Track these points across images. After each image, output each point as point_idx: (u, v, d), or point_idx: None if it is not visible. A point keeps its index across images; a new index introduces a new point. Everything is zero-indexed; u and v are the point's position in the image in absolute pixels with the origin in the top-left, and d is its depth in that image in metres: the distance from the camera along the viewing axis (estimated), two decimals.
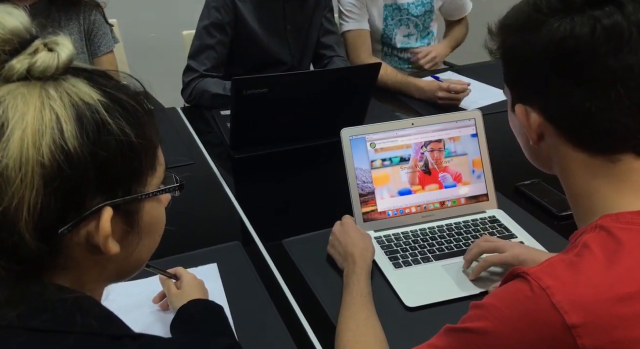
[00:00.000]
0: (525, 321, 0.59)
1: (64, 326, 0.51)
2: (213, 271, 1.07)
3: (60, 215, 0.50)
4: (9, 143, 0.48)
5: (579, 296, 0.58)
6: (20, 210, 0.48)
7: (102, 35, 1.76)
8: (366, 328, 0.89)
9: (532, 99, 0.69)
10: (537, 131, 0.70)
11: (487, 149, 1.23)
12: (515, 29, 0.69)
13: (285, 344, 0.92)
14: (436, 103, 1.82)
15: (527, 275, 0.61)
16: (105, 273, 0.58)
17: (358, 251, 1.02)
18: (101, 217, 0.52)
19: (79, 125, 0.50)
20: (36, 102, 0.49)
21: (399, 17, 2.16)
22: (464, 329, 0.65)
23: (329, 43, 2.01)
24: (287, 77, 1.54)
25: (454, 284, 1.03)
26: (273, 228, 1.24)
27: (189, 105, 1.88)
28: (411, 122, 1.22)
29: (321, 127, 1.51)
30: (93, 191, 0.52)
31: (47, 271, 0.53)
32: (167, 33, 1.89)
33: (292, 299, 1.02)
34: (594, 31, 0.61)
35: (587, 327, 0.57)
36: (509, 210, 1.23)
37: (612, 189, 0.66)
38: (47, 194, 0.48)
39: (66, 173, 0.49)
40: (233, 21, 1.81)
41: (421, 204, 1.21)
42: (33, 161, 0.48)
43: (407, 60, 2.25)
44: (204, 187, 1.43)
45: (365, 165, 1.18)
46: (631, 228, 0.62)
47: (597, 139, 0.66)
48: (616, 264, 0.59)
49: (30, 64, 0.50)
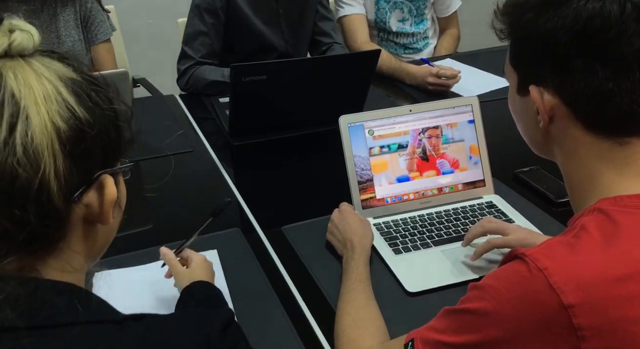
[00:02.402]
0: (522, 302, 0.60)
1: (67, 319, 0.51)
2: (213, 258, 1.08)
3: (78, 182, 0.51)
4: (29, 112, 0.48)
5: (575, 277, 0.59)
6: (52, 176, 0.49)
7: (99, 23, 1.75)
8: (365, 313, 0.90)
9: (548, 80, 0.67)
10: (549, 113, 0.69)
11: (483, 135, 1.24)
12: (534, 6, 0.67)
13: (285, 328, 0.93)
14: (426, 89, 1.83)
15: (525, 256, 0.62)
16: (90, 252, 0.58)
17: (357, 238, 1.03)
18: (105, 184, 0.54)
19: (75, 96, 0.51)
20: (32, 74, 0.50)
21: (394, 0, 2.15)
22: (462, 310, 0.67)
23: (326, 30, 2.00)
24: (286, 64, 1.54)
25: (454, 269, 1.04)
26: (272, 215, 1.25)
27: (184, 93, 1.87)
28: (409, 109, 1.22)
29: (320, 115, 1.51)
30: (98, 159, 0.53)
31: (44, 254, 0.53)
32: (164, 20, 1.88)
33: (292, 284, 1.03)
34: (624, 9, 0.61)
35: (583, 307, 0.58)
36: (507, 197, 1.24)
37: (615, 173, 0.67)
38: (67, 160, 0.50)
39: (79, 139, 0.50)
40: (225, 5, 1.79)
41: (419, 190, 1.21)
42: (53, 129, 0.49)
43: (403, 45, 2.25)
44: (203, 174, 1.44)
45: (363, 152, 1.19)
46: (629, 211, 0.63)
47: (611, 122, 0.66)
48: (613, 246, 0.60)
49: (10, 42, 0.51)
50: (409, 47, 2.27)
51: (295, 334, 0.92)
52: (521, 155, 1.04)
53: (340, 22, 2.15)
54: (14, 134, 0.47)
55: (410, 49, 2.27)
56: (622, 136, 0.66)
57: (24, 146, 0.48)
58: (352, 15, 2.11)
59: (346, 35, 2.13)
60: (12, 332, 0.48)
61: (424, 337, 0.70)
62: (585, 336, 0.58)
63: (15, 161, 0.47)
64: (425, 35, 2.29)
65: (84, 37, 1.74)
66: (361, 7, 2.13)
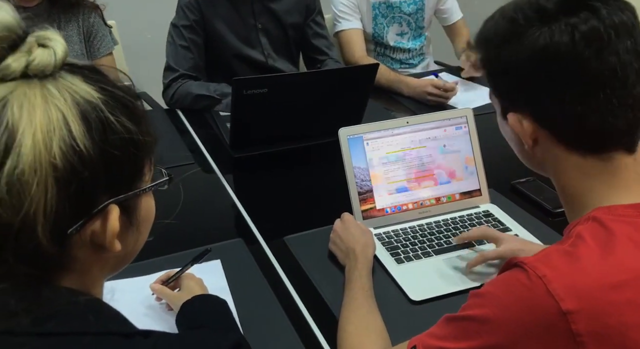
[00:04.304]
0: (522, 308, 0.62)
1: (79, 328, 0.51)
2: (217, 268, 1.10)
3: (73, 216, 0.49)
4: (22, 148, 0.46)
5: (573, 284, 0.61)
6: (38, 214, 0.47)
7: (102, 37, 1.78)
8: (368, 322, 0.92)
9: (523, 107, 0.71)
10: (531, 136, 0.72)
11: (478, 145, 1.27)
12: (496, 43, 0.71)
13: (289, 338, 0.95)
14: (424, 100, 1.86)
15: (524, 264, 0.64)
16: (105, 269, 0.58)
17: (359, 247, 1.05)
18: (109, 216, 0.52)
19: (85, 124, 0.49)
20: (40, 102, 0.48)
21: (392, 15, 2.19)
22: (463, 317, 0.68)
23: (320, 47, 2.04)
24: (287, 77, 1.57)
25: (456, 278, 1.06)
26: (274, 226, 1.27)
27: (168, 108, 1.85)
28: (406, 121, 1.25)
29: (320, 127, 1.53)
30: (102, 190, 0.51)
31: (54, 274, 0.53)
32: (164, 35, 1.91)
33: (295, 294, 1.05)
34: (573, 38, 0.64)
35: (581, 313, 0.59)
36: (504, 207, 1.26)
37: (604, 186, 0.69)
38: (60, 196, 0.48)
39: (78, 174, 0.48)
40: (200, 21, 1.82)
41: (418, 200, 1.24)
42: (46, 164, 0.47)
43: (399, 60, 2.28)
44: (205, 186, 1.46)
45: (363, 164, 1.21)
46: (622, 220, 0.65)
47: (590, 140, 0.69)
48: (609, 254, 0.62)
49: (28, 63, 0.49)
50: (405, 62, 2.30)
51: (299, 343, 0.93)
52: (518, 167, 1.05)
53: (337, 37, 2.18)
54: (2, 170, 0.46)
55: (406, 64, 2.30)
56: (603, 152, 0.69)
57: (8, 184, 0.46)
58: (349, 30, 2.13)
59: (343, 50, 2.16)
60: (24, 337, 0.49)
61: (426, 343, 0.72)
62: (584, 341, 0.59)
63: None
64: (422, 51, 2.32)
65: (86, 52, 1.77)
66: (358, 22, 2.15)
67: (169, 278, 1.00)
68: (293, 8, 1.93)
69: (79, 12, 1.74)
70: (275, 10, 1.90)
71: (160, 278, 1.01)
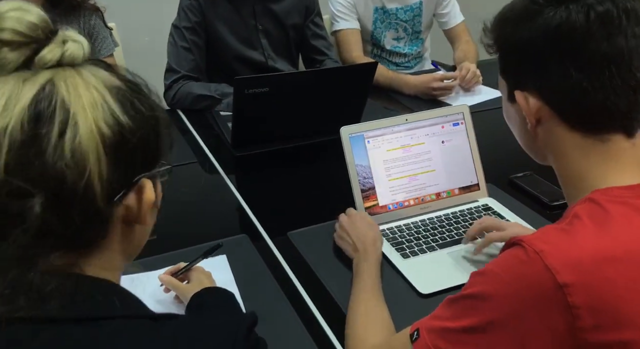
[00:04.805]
0: (521, 282, 0.65)
1: (106, 312, 0.54)
2: (223, 263, 1.12)
3: (118, 185, 0.55)
4: (77, 120, 0.51)
5: (569, 259, 0.64)
6: (95, 179, 0.52)
7: (102, 39, 1.79)
8: (376, 314, 0.94)
9: (530, 84, 0.75)
10: (535, 115, 0.75)
11: (475, 140, 1.30)
12: (513, 20, 0.75)
13: (297, 330, 0.96)
14: (429, 96, 1.90)
15: (522, 242, 0.67)
16: (125, 253, 0.62)
17: (369, 240, 1.08)
18: (144, 187, 0.57)
19: (119, 103, 0.55)
20: (82, 83, 0.54)
21: (388, 21, 2.21)
22: (463, 296, 0.71)
23: (319, 47, 2.06)
24: (288, 76, 1.59)
25: (462, 269, 1.09)
26: (277, 222, 1.29)
27: (169, 108, 1.87)
28: (405, 118, 1.27)
29: (320, 125, 1.56)
30: (138, 164, 0.57)
31: (87, 252, 0.56)
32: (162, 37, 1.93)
33: (300, 287, 1.07)
34: (589, 17, 0.68)
35: (576, 286, 0.62)
36: (503, 201, 1.29)
37: (602, 168, 0.73)
38: (109, 165, 0.53)
39: (121, 146, 0.54)
40: (202, 22, 1.85)
41: (419, 196, 1.26)
42: (98, 135, 0.52)
43: (395, 63, 2.30)
44: (208, 184, 1.48)
45: (364, 161, 1.23)
46: (618, 201, 0.69)
47: (592, 119, 0.72)
48: (604, 231, 0.66)
49: (62, 53, 0.54)
50: (401, 65, 2.32)
51: (307, 335, 0.95)
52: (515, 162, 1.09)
53: (334, 36, 2.20)
54: (63, 139, 0.51)
55: (402, 67, 2.32)
56: (603, 133, 0.72)
57: (72, 151, 0.51)
58: (346, 29, 2.15)
59: (341, 49, 2.18)
60: (56, 323, 0.52)
61: (428, 325, 0.74)
62: (580, 314, 0.62)
63: (64, 164, 0.51)
64: (419, 55, 2.35)
65: None
66: (355, 22, 2.17)
67: (178, 270, 1.02)
68: (293, 9, 1.96)
69: (80, 15, 1.75)
70: (276, 11, 1.92)
71: (169, 269, 1.03)
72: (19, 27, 0.53)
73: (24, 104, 0.51)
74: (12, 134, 0.50)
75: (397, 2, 2.18)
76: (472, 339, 0.68)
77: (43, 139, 0.50)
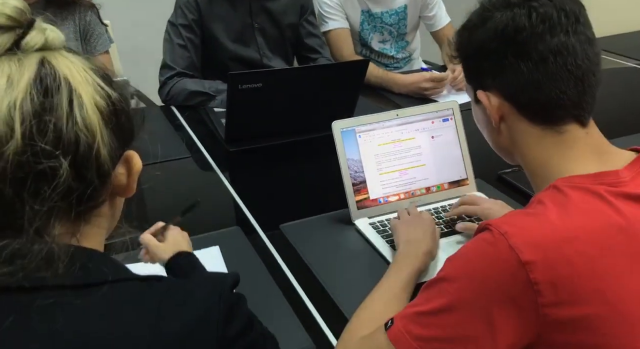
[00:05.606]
0: (487, 261, 0.70)
1: (98, 278, 0.57)
2: (216, 253, 1.14)
3: (115, 152, 0.60)
4: (80, 92, 0.57)
5: (532, 239, 0.68)
6: (102, 146, 0.57)
7: (98, 35, 1.81)
8: (398, 298, 0.93)
9: (490, 83, 0.81)
10: (498, 112, 0.81)
11: (464, 136, 1.32)
12: (469, 28, 0.83)
13: (289, 320, 0.98)
14: (419, 95, 1.94)
15: (490, 225, 0.72)
16: (110, 227, 0.66)
17: (428, 248, 1.05)
18: (132, 157, 0.63)
19: (102, 79, 0.60)
20: (69, 63, 0.58)
21: (374, 24, 2.24)
22: (435, 280, 0.75)
23: (313, 46, 2.08)
24: (281, 72, 1.62)
25: None
26: (270, 216, 1.31)
27: (164, 104, 1.90)
28: (396, 114, 1.30)
29: (313, 121, 1.58)
30: (127, 136, 0.62)
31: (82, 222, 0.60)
32: (159, 34, 1.95)
33: (292, 278, 1.09)
34: (531, 16, 0.76)
35: (537, 264, 0.67)
36: (491, 195, 1.31)
37: (562, 158, 0.78)
38: (109, 132, 0.59)
39: (114, 115, 0.59)
40: (198, 19, 1.87)
41: (409, 190, 1.29)
42: (99, 106, 0.58)
43: (384, 65, 2.33)
44: (201, 179, 1.50)
45: (356, 156, 1.26)
46: (579, 187, 0.74)
47: (546, 110, 0.78)
48: (565, 214, 0.71)
49: (46, 37, 0.58)
50: (390, 66, 2.34)
51: (299, 325, 0.97)
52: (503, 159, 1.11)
53: (325, 37, 2.22)
54: (72, 108, 0.56)
55: (391, 67, 2.34)
56: (559, 125, 0.78)
57: (82, 117, 0.56)
58: (335, 29, 2.18)
59: (332, 49, 2.20)
60: (57, 290, 0.55)
61: (402, 313, 0.76)
62: (541, 290, 0.66)
63: (77, 128, 0.56)
64: (408, 58, 2.37)
65: (83, 50, 1.80)
66: (345, 21, 2.19)
67: (157, 231, 1.03)
68: (289, 8, 1.98)
69: (75, 11, 1.76)
70: (272, 9, 1.95)
71: (149, 230, 1.04)
72: (8, 11, 0.57)
73: (27, 80, 0.55)
74: (22, 107, 0.54)
75: (382, 6, 2.20)
76: (441, 320, 0.71)
77: (56, 108, 0.55)
